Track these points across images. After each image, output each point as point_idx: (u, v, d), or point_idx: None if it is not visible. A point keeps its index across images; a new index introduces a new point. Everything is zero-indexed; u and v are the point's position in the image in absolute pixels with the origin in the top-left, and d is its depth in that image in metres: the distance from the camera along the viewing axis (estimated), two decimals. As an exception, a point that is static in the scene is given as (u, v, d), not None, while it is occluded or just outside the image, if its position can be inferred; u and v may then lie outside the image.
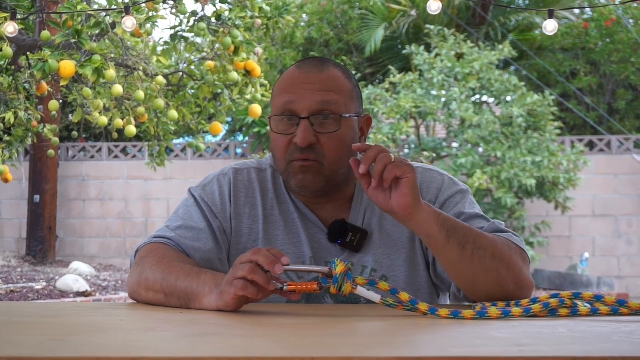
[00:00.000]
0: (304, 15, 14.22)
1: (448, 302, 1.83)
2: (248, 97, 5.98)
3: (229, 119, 13.26)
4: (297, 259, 1.73)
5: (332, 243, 1.74)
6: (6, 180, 6.01)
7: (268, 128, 1.81)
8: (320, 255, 1.73)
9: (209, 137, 11.20)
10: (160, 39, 18.83)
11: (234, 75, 5.77)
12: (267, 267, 1.39)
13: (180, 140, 12.88)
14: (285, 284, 1.43)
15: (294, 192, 1.77)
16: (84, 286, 8.07)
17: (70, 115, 11.64)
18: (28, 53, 5.42)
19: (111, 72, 4.92)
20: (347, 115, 1.70)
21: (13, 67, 5.53)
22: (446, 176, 1.80)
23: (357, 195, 1.78)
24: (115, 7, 4.91)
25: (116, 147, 12.02)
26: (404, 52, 11.54)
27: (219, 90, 6.03)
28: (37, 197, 10.79)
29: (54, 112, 5.95)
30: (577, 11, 13.92)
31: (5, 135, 6.20)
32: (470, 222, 1.69)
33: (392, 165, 1.47)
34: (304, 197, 1.77)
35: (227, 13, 5.65)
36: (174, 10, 5.68)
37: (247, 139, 13.02)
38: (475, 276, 1.56)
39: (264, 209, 1.78)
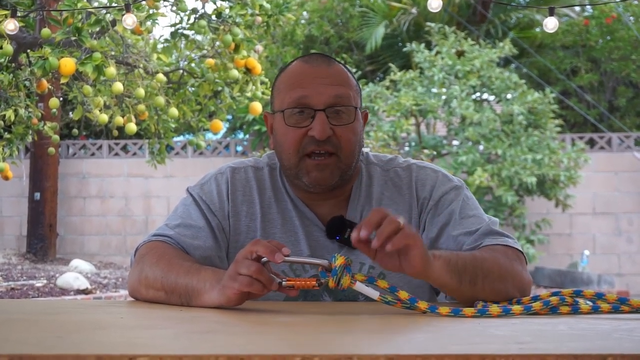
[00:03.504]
0: (305, 13, 14.20)
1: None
2: (248, 94, 5.99)
3: (229, 117, 13.25)
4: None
5: (330, 239, 1.74)
6: (6, 178, 6.02)
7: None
8: (318, 252, 1.73)
9: (209, 135, 11.20)
10: (161, 36, 18.76)
11: (235, 73, 5.77)
12: (267, 256, 1.39)
13: (181, 138, 12.87)
14: (283, 279, 1.43)
15: (300, 188, 1.76)
16: (84, 284, 8.07)
17: (70, 113, 11.59)
18: (28, 50, 5.42)
19: (111, 70, 4.92)
20: (358, 108, 1.74)
21: (13, 64, 5.53)
22: (440, 173, 1.81)
23: (355, 193, 1.78)
24: (116, 5, 4.91)
25: (116, 144, 12.02)
26: (405, 49, 11.53)
27: (219, 88, 6.04)
28: (37, 195, 10.78)
29: (54, 110, 5.94)
30: (577, 8, 13.89)
31: (6, 133, 6.20)
32: (463, 223, 1.70)
33: (402, 235, 1.39)
34: (303, 194, 1.77)
35: (227, 11, 5.65)
36: (174, 8, 5.68)
37: (247, 136, 13.01)
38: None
39: (262, 207, 1.78)
